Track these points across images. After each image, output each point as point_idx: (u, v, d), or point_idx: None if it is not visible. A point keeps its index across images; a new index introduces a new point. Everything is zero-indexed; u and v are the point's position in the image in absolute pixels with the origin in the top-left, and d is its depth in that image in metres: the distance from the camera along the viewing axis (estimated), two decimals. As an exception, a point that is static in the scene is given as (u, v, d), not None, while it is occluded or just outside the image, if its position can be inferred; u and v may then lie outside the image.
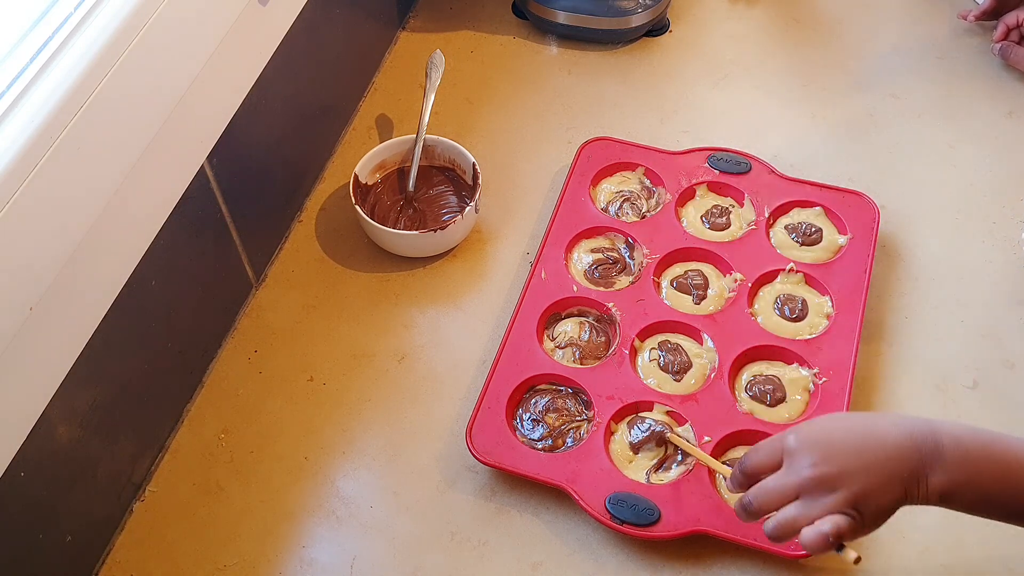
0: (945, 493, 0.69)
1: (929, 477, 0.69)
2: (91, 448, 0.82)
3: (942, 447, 0.70)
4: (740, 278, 0.99)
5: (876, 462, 0.70)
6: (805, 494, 0.71)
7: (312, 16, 0.99)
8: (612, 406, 0.91)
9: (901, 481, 0.69)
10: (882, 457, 0.71)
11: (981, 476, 0.70)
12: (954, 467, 0.69)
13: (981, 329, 0.98)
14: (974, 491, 0.70)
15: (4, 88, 0.66)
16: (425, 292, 1.04)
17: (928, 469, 0.69)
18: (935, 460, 0.69)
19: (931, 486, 0.69)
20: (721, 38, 1.27)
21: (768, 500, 0.73)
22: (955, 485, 0.69)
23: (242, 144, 0.94)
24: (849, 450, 0.71)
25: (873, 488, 0.69)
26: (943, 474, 0.69)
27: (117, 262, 0.77)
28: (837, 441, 0.73)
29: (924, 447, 0.70)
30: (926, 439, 0.70)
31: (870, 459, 0.71)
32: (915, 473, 0.69)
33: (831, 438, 0.73)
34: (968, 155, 1.12)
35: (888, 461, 0.70)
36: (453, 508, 0.89)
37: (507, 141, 1.16)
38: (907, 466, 0.70)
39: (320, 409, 0.95)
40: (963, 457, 0.70)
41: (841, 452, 0.72)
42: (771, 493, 0.73)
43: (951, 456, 0.70)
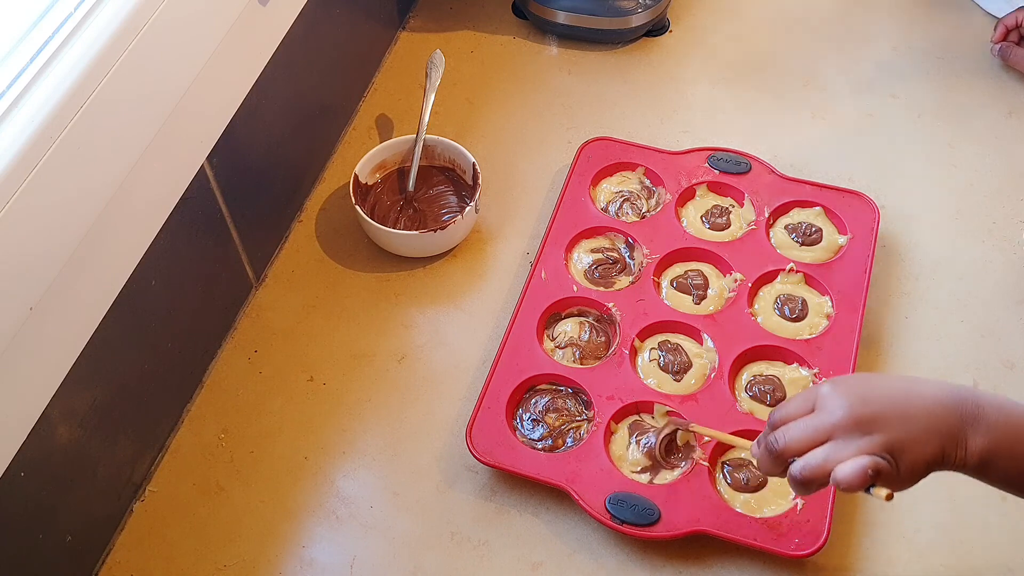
0: (984, 457, 0.66)
1: (969, 439, 0.66)
2: (91, 448, 0.82)
3: (984, 410, 0.67)
4: (740, 278, 0.99)
5: (915, 413, 0.67)
6: (838, 435, 0.67)
7: (312, 16, 0.99)
8: (612, 406, 0.91)
9: (939, 437, 0.66)
10: (921, 409, 0.67)
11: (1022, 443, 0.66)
12: (996, 431, 0.66)
13: (981, 329, 0.98)
14: (1013, 459, 0.66)
15: (4, 88, 0.66)
16: (425, 292, 1.04)
17: (969, 430, 0.66)
18: (977, 421, 0.66)
19: (970, 448, 0.66)
20: (721, 38, 1.27)
21: (797, 440, 0.69)
22: (995, 450, 0.66)
23: (242, 144, 0.94)
24: (888, 397, 0.68)
25: (911, 438, 0.66)
26: (984, 437, 0.66)
27: (117, 262, 0.77)
28: (876, 388, 0.70)
29: (965, 407, 0.67)
30: (967, 400, 0.67)
31: (909, 409, 0.67)
32: (954, 432, 0.66)
33: (869, 384, 0.70)
34: (968, 155, 1.12)
35: (928, 414, 0.67)
36: (453, 508, 0.89)
37: (507, 141, 1.16)
38: (947, 423, 0.66)
39: (320, 409, 0.95)
40: (1005, 422, 0.67)
41: (880, 398, 0.68)
42: (801, 432, 0.68)
43: (993, 420, 0.67)
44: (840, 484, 0.66)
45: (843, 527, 0.86)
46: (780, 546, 0.82)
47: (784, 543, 0.82)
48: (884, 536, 0.86)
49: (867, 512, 0.87)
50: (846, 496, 0.87)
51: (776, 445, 0.69)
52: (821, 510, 0.84)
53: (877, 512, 0.87)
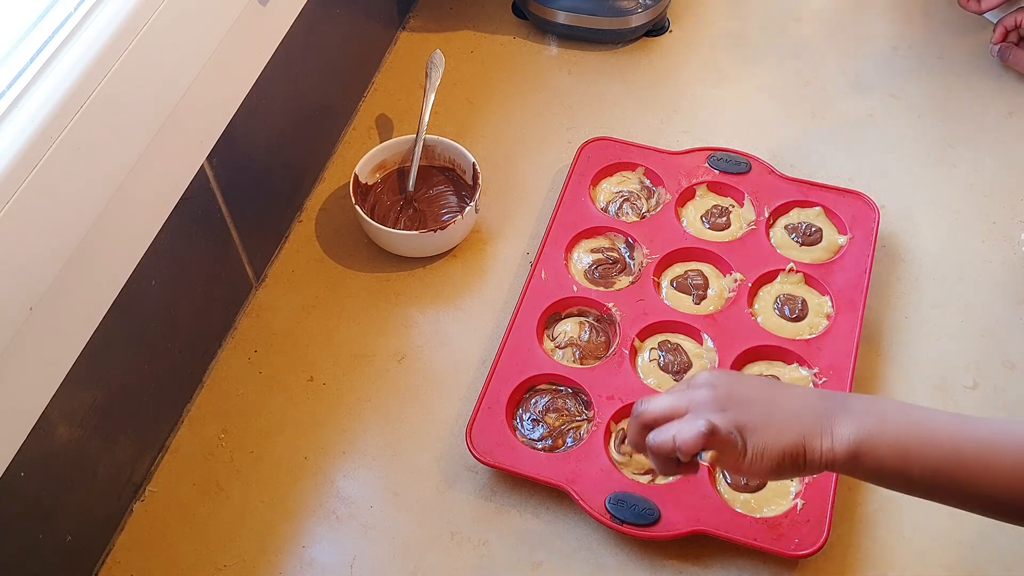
0: (855, 444, 0.65)
1: (836, 428, 0.65)
2: (91, 448, 0.82)
3: (851, 402, 0.68)
4: (740, 278, 0.99)
5: (778, 403, 0.68)
6: (695, 410, 0.68)
7: (312, 16, 0.99)
8: (612, 406, 0.91)
9: (800, 429, 0.66)
10: (785, 404, 0.68)
11: (897, 428, 0.65)
12: (864, 417, 0.66)
13: (981, 329, 0.98)
14: (889, 444, 0.65)
15: (4, 88, 0.65)
16: (425, 292, 1.04)
17: (835, 419, 0.66)
18: (843, 412, 0.66)
19: (837, 436, 0.65)
20: (721, 38, 1.27)
21: (658, 409, 0.70)
22: (868, 435, 0.65)
23: (242, 144, 0.94)
24: (755, 389, 0.70)
25: (766, 423, 0.66)
26: (851, 422, 0.65)
27: (117, 262, 0.77)
28: (744, 381, 0.71)
29: (831, 402, 0.67)
30: (836, 398, 0.69)
31: (772, 400, 0.68)
32: (818, 423, 0.66)
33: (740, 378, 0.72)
34: (968, 155, 1.12)
35: (790, 408, 0.67)
36: (453, 508, 0.89)
37: (507, 141, 1.16)
38: (811, 415, 0.66)
39: (320, 409, 0.95)
40: (874, 409, 0.67)
41: (747, 388, 0.70)
42: (663, 402, 0.71)
43: (862, 408, 0.67)
44: (677, 444, 0.67)
45: (843, 527, 0.86)
46: (780, 546, 0.82)
47: (784, 543, 0.83)
48: (884, 536, 0.86)
49: (867, 512, 0.87)
50: (846, 496, 0.87)
51: (638, 409, 0.72)
52: (821, 510, 0.84)
53: (877, 512, 0.87)
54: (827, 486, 0.85)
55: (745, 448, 0.66)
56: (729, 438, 0.66)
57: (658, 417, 0.70)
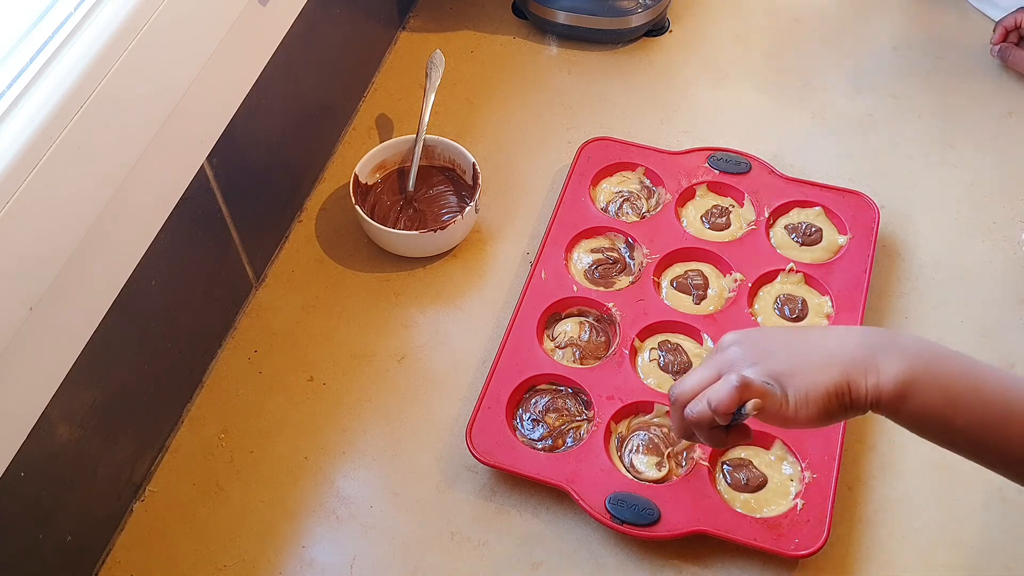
0: (904, 382, 0.60)
1: (881, 364, 0.61)
2: (91, 448, 0.82)
3: (898, 338, 0.63)
4: (740, 278, 0.99)
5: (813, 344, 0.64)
6: (725, 372, 0.65)
7: (312, 16, 0.99)
8: (612, 406, 0.91)
9: (842, 363, 0.62)
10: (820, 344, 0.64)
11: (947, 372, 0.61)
12: (915, 357, 0.61)
13: (981, 329, 0.98)
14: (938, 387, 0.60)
15: (4, 88, 0.66)
16: (425, 292, 1.04)
17: (880, 356, 0.61)
18: (889, 348, 0.62)
19: (884, 373, 0.61)
20: (721, 38, 1.27)
21: (691, 385, 0.68)
22: (916, 374, 0.60)
23: (242, 144, 0.94)
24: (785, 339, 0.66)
25: (802, 365, 0.62)
26: (900, 361, 0.61)
27: (117, 262, 0.77)
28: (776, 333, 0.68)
29: (876, 337, 0.63)
30: (879, 333, 0.64)
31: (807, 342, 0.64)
32: (863, 359, 0.61)
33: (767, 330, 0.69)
34: (968, 155, 1.12)
35: (826, 348, 0.63)
36: (453, 508, 0.89)
37: (507, 141, 1.16)
38: (851, 351, 0.62)
39: (320, 409, 0.95)
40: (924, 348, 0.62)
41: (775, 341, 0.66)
42: (693, 377, 0.68)
43: (911, 346, 0.62)
44: (713, 406, 0.64)
45: (843, 527, 0.86)
46: (780, 546, 0.82)
47: (784, 543, 0.83)
48: (884, 536, 0.86)
49: (867, 512, 0.87)
50: (846, 496, 0.87)
51: (674, 393, 0.69)
52: (821, 510, 0.84)
53: (877, 512, 0.87)
54: (827, 486, 0.85)
55: (786, 395, 0.63)
56: (765, 388, 0.63)
57: (693, 393, 0.67)
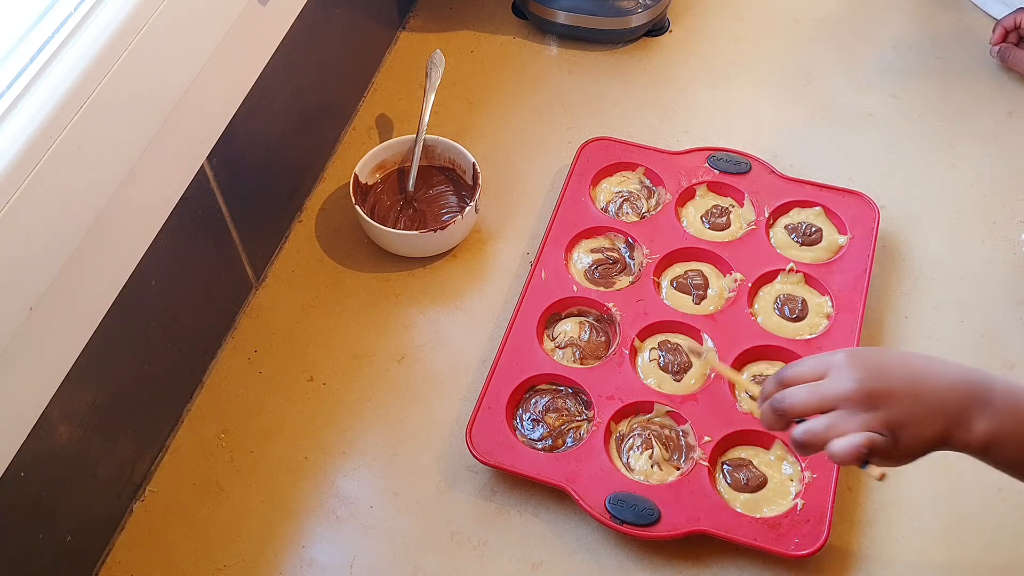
0: (988, 440, 0.67)
1: (974, 421, 0.67)
2: (91, 448, 0.82)
3: (994, 393, 0.68)
4: (740, 278, 0.99)
5: (925, 393, 0.68)
6: (843, 406, 0.68)
7: (312, 16, 0.99)
8: (612, 406, 0.91)
9: (945, 417, 0.67)
10: (932, 390, 0.68)
11: None
12: (1002, 416, 0.67)
13: (981, 329, 0.98)
14: (1016, 445, 0.67)
15: (4, 88, 0.66)
16: (425, 292, 1.04)
17: (976, 411, 0.67)
18: (985, 404, 0.67)
19: (974, 431, 0.67)
20: (721, 38, 1.27)
21: (803, 403, 0.70)
22: (999, 434, 0.66)
23: (242, 144, 0.94)
24: (901, 375, 0.69)
25: (916, 416, 0.67)
26: (990, 420, 0.67)
27: (117, 262, 0.77)
28: (891, 364, 0.70)
29: (976, 389, 0.68)
30: (980, 383, 0.68)
31: (919, 389, 0.68)
32: (961, 413, 0.67)
33: (885, 359, 0.71)
34: (968, 155, 1.12)
35: (937, 395, 0.68)
36: (453, 508, 0.89)
37: (507, 141, 1.16)
38: (954, 405, 0.67)
39: (320, 409, 0.95)
40: (1013, 408, 0.68)
41: (893, 375, 0.69)
42: (807, 396, 0.70)
43: (1001, 404, 0.67)
44: (834, 457, 0.67)
45: (843, 527, 0.86)
46: (780, 546, 0.82)
47: (784, 543, 0.83)
48: (884, 536, 0.86)
49: (867, 512, 0.87)
50: (846, 496, 0.87)
51: (781, 404, 0.71)
52: (821, 510, 0.84)
53: (877, 512, 0.87)
54: (827, 486, 0.85)
55: (896, 445, 0.67)
56: (882, 442, 0.67)
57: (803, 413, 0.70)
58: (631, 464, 0.88)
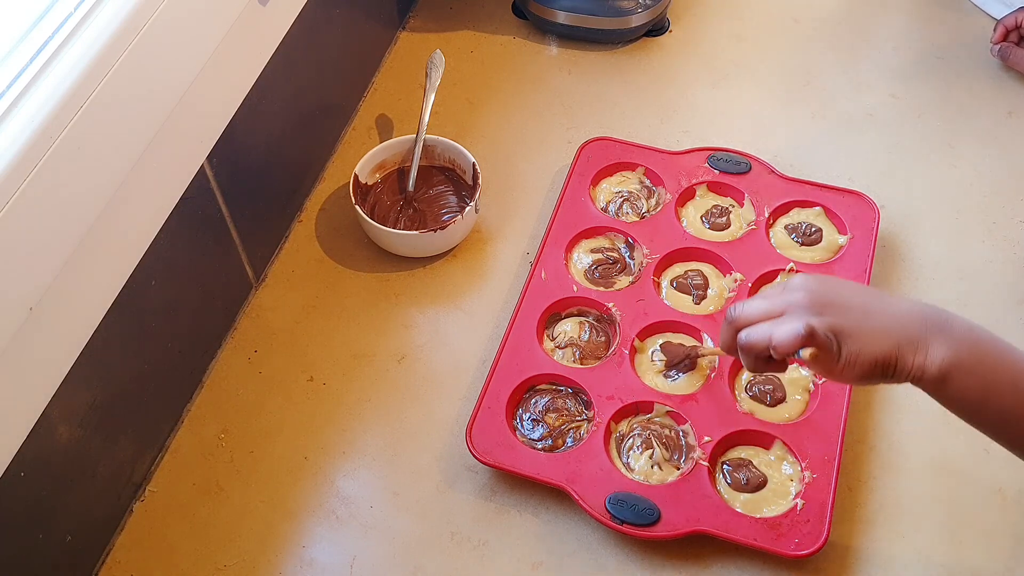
0: (945, 368, 0.65)
1: (931, 346, 0.65)
2: (91, 448, 0.82)
3: (952, 323, 0.67)
4: (740, 278, 0.99)
5: (876, 311, 0.68)
6: (791, 311, 0.69)
7: (312, 16, 0.99)
8: (612, 406, 0.91)
9: (896, 337, 0.66)
10: (884, 310, 0.68)
11: (986, 364, 0.66)
12: (961, 344, 0.66)
13: (981, 329, 0.98)
14: (976, 378, 0.65)
15: (4, 88, 0.66)
16: (425, 292, 1.04)
17: (932, 338, 0.66)
18: (942, 332, 0.66)
19: (931, 355, 0.65)
20: (721, 38, 1.27)
21: (753, 311, 0.71)
22: (959, 363, 0.65)
23: (242, 144, 0.94)
24: (854, 295, 0.70)
25: (863, 329, 0.67)
26: (948, 346, 0.65)
27: (117, 262, 0.77)
28: (846, 286, 0.71)
29: (931, 319, 0.67)
30: (937, 314, 0.68)
31: (873, 306, 0.68)
32: (915, 336, 0.66)
33: (841, 283, 0.72)
34: (968, 155, 1.12)
35: (890, 315, 0.68)
36: (453, 508, 0.89)
37: (507, 141, 1.16)
38: (909, 327, 0.67)
39: (320, 409, 0.95)
40: (973, 339, 0.67)
41: (843, 295, 0.69)
42: (758, 305, 0.71)
43: (960, 334, 0.66)
44: (773, 344, 0.67)
45: (843, 527, 0.86)
46: (780, 546, 0.82)
47: (784, 543, 0.83)
48: (884, 536, 0.86)
49: (867, 512, 0.87)
50: (846, 496, 0.87)
51: (733, 313, 0.72)
52: (821, 510, 0.84)
53: (877, 512, 0.87)
54: (827, 486, 0.85)
55: (839, 352, 0.67)
56: (826, 341, 0.66)
57: (752, 319, 0.71)
58: (631, 464, 0.88)
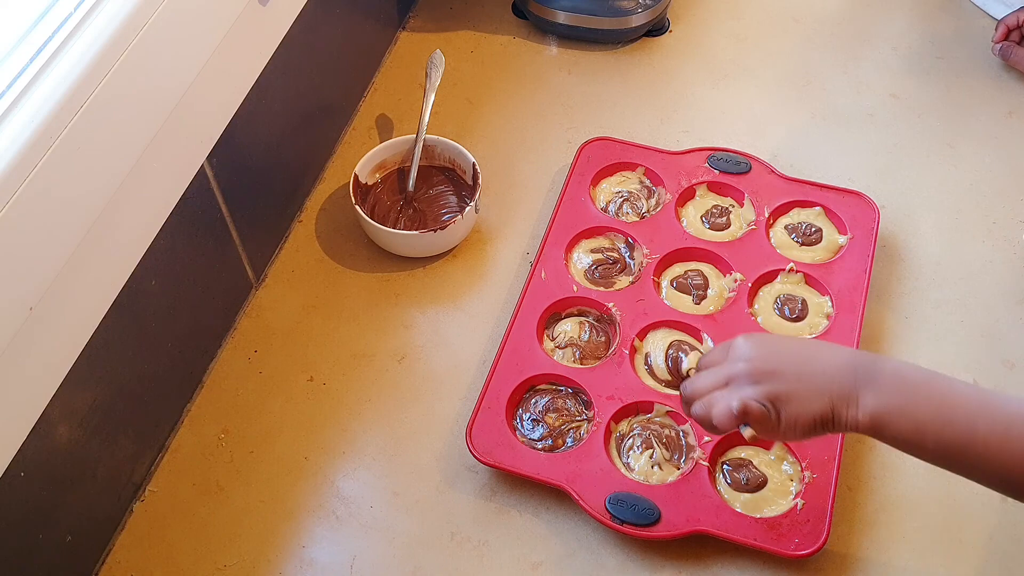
0: (877, 416, 0.69)
1: (861, 398, 0.69)
2: (91, 448, 0.82)
3: (879, 372, 0.70)
4: (740, 278, 0.99)
5: (811, 371, 0.72)
6: (734, 383, 0.73)
7: (312, 16, 0.99)
8: (612, 406, 0.91)
9: (829, 396, 0.70)
10: (818, 370, 0.72)
11: (916, 405, 0.69)
12: (889, 391, 0.69)
13: (981, 329, 0.98)
14: (907, 419, 0.69)
15: (4, 88, 0.66)
16: (425, 292, 1.04)
17: (862, 389, 0.69)
18: (870, 382, 0.70)
19: (862, 407, 0.69)
20: (721, 38, 1.27)
21: (702, 386, 0.75)
22: (888, 409, 0.69)
23: (242, 144, 0.94)
24: (789, 358, 0.73)
25: (798, 393, 0.70)
26: (876, 396, 0.69)
27: (117, 262, 0.77)
28: (782, 348, 0.75)
29: (861, 369, 0.71)
30: (865, 363, 0.71)
31: (806, 368, 0.72)
32: (846, 392, 0.70)
33: (778, 345, 0.76)
34: (968, 155, 1.12)
35: (822, 375, 0.71)
36: (453, 508, 0.89)
37: (507, 141, 1.16)
38: (840, 383, 0.70)
39: (320, 409, 0.95)
40: (899, 383, 0.70)
41: (781, 357, 0.73)
42: (705, 379, 0.76)
43: (887, 381, 0.70)
44: (714, 422, 0.72)
45: (843, 527, 0.86)
46: (780, 546, 0.82)
47: (784, 543, 0.83)
48: (884, 536, 0.86)
49: (867, 512, 0.87)
50: (846, 496, 0.87)
51: (686, 390, 0.77)
52: (821, 510, 0.84)
53: (877, 512, 0.87)
54: (827, 486, 0.85)
55: (779, 418, 0.71)
56: (762, 412, 0.71)
57: (700, 394, 0.76)
58: (631, 464, 0.88)
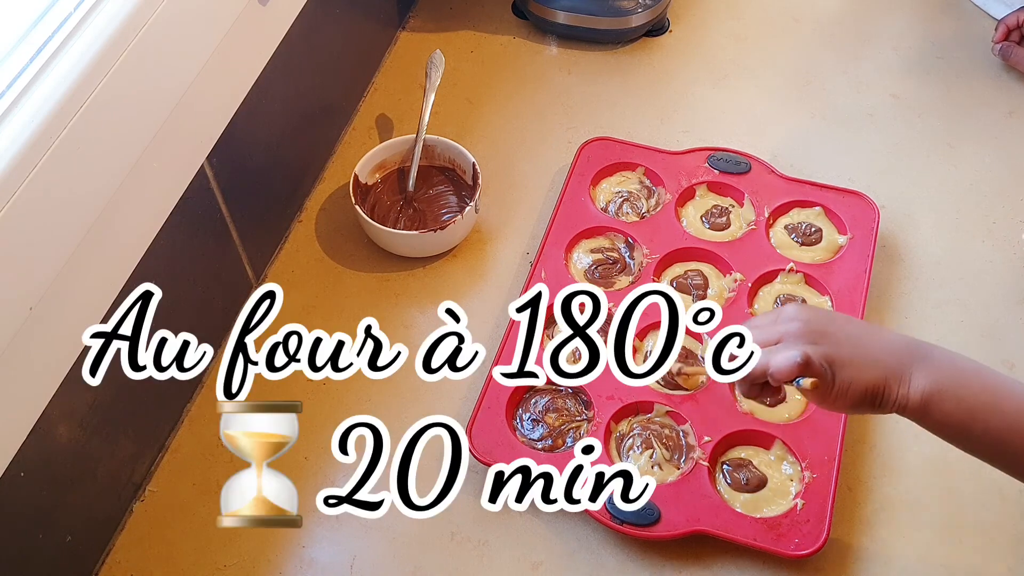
0: (928, 396, 0.69)
1: (913, 378, 0.69)
2: (91, 448, 0.82)
3: (933, 353, 0.71)
4: (740, 278, 0.99)
5: (867, 343, 0.72)
6: (787, 340, 0.71)
7: (312, 16, 0.99)
8: (612, 406, 0.91)
9: (884, 368, 0.70)
10: (874, 342, 0.72)
11: (969, 389, 0.70)
12: (942, 373, 0.70)
13: (981, 329, 0.98)
14: (958, 403, 0.69)
15: (4, 88, 0.66)
16: (425, 292, 1.04)
17: (915, 368, 0.70)
18: (923, 362, 0.70)
19: (913, 386, 0.69)
20: (721, 38, 1.27)
21: None
22: (938, 389, 0.69)
23: (242, 144, 0.94)
24: (844, 326, 0.73)
25: (854, 360, 0.70)
26: (928, 375, 0.69)
27: (117, 262, 0.77)
28: (836, 316, 0.75)
29: (916, 350, 0.71)
30: (919, 346, 0.72)
31: (862, 339, 0.72)
32: (900, 368, 0.70)
33: (831, 314, 0.75)
34: (968, 155, 1.12)
35: (879, 347, 0.71)
36: (453, 508, 0.88)
37: (507, 141, 1.16)
38: (895, 359, 0.70)
39: (320, 409, 0.95)
40: (952, 367, 0.71)
41: (836, 324, 0.73)
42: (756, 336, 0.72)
43: (940, 363, 0.70)
44: (771, 371, 0.70)
45: (843, 527, 0.86)
46: (780, 546, 0.82)
47: (784, 543, 0.83)
48: (884, 536, 0.86)
49: (867, 512, 0.87)
50: (846, 496, 0.87)
51: None
52: (821, 510, 0.84)
53: (877, 512, 0.87)
54: (827, 486, 0.85)
55: (833, 381, 0.69)
56: (821, 369, 0.69)
57: None
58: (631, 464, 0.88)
